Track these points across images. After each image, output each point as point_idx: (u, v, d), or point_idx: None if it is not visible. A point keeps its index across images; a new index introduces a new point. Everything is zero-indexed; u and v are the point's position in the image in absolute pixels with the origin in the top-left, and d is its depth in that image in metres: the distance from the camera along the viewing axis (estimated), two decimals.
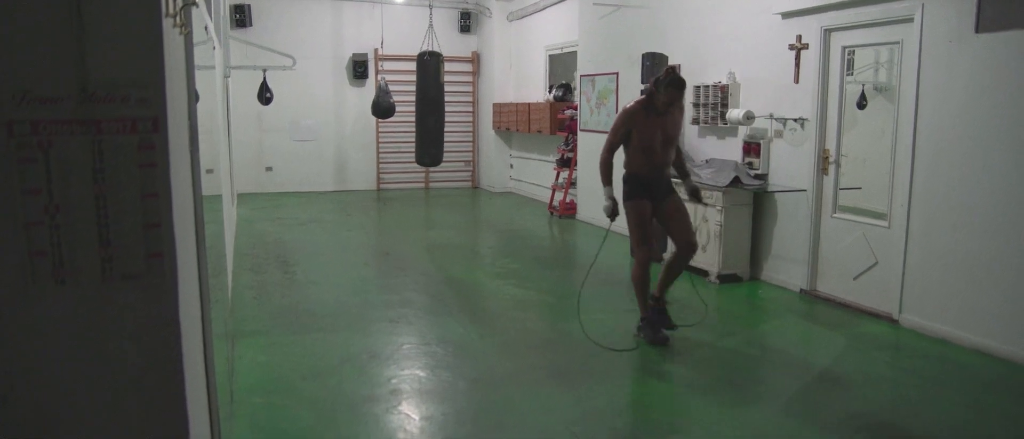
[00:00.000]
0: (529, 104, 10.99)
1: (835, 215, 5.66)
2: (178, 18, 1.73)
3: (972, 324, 4.60)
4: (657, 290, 4.90)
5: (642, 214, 4.79)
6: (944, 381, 4.16)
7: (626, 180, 4.86)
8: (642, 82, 6.95)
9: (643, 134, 4.69)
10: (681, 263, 4.85)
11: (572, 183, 9.80)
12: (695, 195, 5.01)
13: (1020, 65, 4.26)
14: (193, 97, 2.18)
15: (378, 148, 12.44)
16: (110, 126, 1.50)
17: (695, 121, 6.96)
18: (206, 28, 3.75)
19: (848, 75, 5.58)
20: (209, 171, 3.72)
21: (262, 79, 10.35)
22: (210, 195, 3.55)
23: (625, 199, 4.85)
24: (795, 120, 5.87)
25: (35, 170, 1.47)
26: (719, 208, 6.15)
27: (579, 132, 9.48)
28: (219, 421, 2.42)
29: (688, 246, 4.81)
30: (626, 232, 5.05)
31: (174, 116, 1.67)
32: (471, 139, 12.99)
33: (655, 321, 4.83)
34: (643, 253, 4.80)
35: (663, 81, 4.59)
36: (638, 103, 4.76)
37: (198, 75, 2.51)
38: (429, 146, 10.10)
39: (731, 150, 6.62)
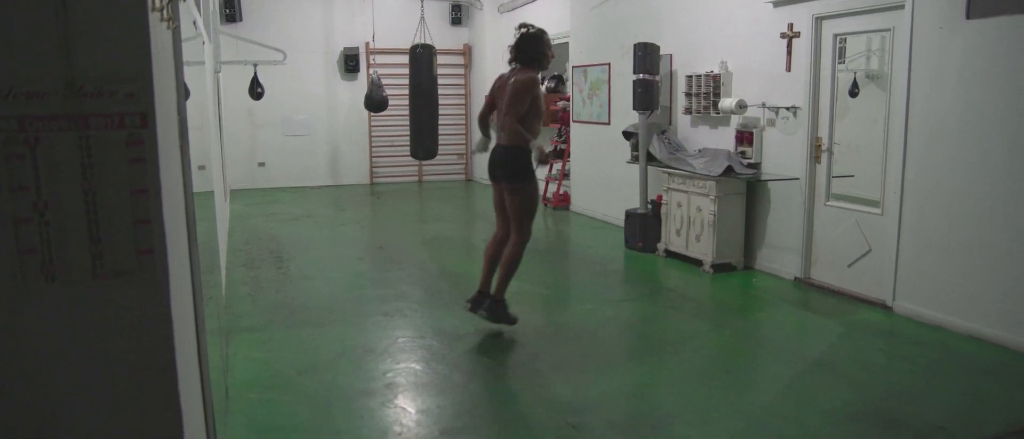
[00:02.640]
0: None
1: (828, 203, 5.67)
2: (165, 12, 1.72)
3: (966, 310, 4.62)
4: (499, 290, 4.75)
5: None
6: (938, 368, 4.18)
7: (523, 155, 4.59)
8: (634, 72, 6.94)
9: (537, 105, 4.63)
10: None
11: (565, 175, 9.79)
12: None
13: (1011, 50, 4.26)
14: (182, 92, 2.17)
15: (371, 142, 12.41)
16: (98, 121, 1.48)
17: (688, 110, 6.95)
18: (195, 23, 3.72)
19: (840, 63, 5.58)
20: (201, 167, 3.70)
21: (253, 74, 10.30)
22: (202, 191, 3.53)
23: (529, 179, 4.63)
24: (787, 108, 5.87)
25: (23, 167, 1.45)
26: (712, 198, 6.15)
27: (572, 123, 9.48)
28: (214, 417, 2.41)
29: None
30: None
31: (163, 111, 1.66)
32: (464, 132, 12.97)
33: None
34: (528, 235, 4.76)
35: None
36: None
37: (188, 70, 2.50)
38: (424, 139, 10.07)
39: (724, 139, 6.62)
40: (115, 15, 1.48)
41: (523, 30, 4.78)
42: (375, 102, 10.60)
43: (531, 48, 4.71)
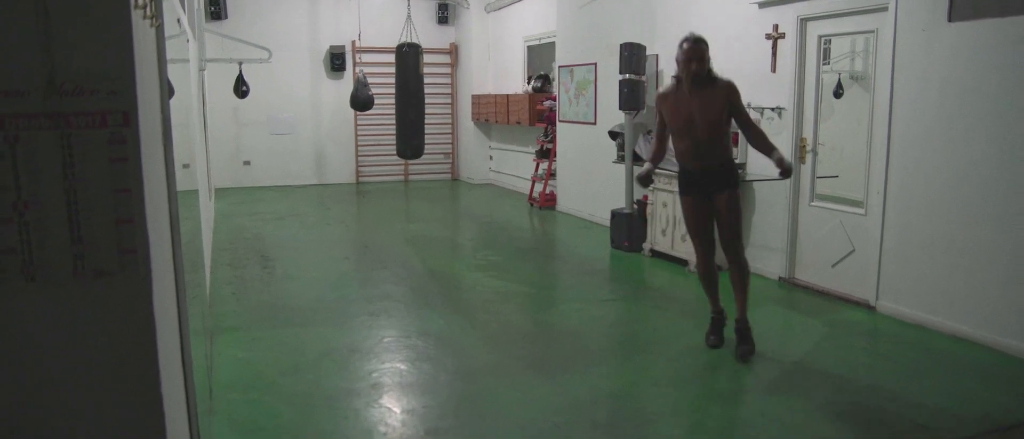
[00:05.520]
0: (508, 95, 10.97)
1: (813, 204, 5.71)
2: (148, 9, 1.70)
3: (948, 310, 4.66)
4: (738, 311, 4.43)
5: (687, 210, 4.49)
6: (920, 367, 4.21)
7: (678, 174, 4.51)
8: (620, 72, 6.95)
9: (673, 118, 4.32)
10: (732, 274, 4.40)
11: (552, 174, 9.80)
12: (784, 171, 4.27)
13: (992, 53, 4.31)
14: (166, 90, 2.15)
15: (356, 141, 12.37)
16: (79, 120, 1.47)
17: None
18: (179, 20, 3.70)
19: (825, 64, 5.61)
20: (185, 166, 3.68)
21: (238, 72, 10.24)
22: (186, 190, 3.51)
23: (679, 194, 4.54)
24: (772, 109, 5.90)
25: (2, 166, 1.43)
26: None
27: (558, 123, 9.48)
28: (197, 417, 2.39)
29: (728, 250, 4.38)
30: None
31: (146, 110, 1.64)
32: (450, 131, 12.95)
33: (718, 327, 4.55)
34: (697, 252, 4.54)
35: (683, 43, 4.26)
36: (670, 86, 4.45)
37: (172, 68, 2.48)
38: (410, 138, 10.04)
39: None
40: (97, 12, 1.47)
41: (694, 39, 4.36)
42: (360, 101, 10.56)
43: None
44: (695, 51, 4.27)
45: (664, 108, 4.39)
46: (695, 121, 4.26)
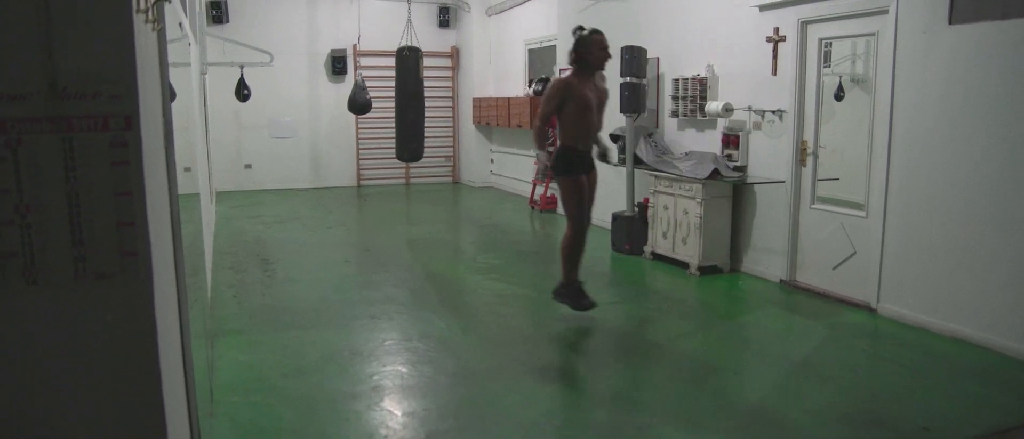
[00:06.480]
0: (509, 99, 10.97)
1: (814, 206, 5.71)
2: (150, 13, 1.71)
3: (949, 312, 4.66)
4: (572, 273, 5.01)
5: (574, 189, 4.93)
6: (922, 369, 4.21)
7: (560, 154, 4.94)
8: (621, 76, 6.96)
9: (578, 103, 4.79)
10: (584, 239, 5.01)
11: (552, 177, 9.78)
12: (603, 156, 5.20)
13: (992, 55, 4.31)
14: (168, 94, 2.16)
15: (357, 144, 12.38)
16: (81, 123, 1.47)
17: (674, 114, 6.98)
18: (181, 24, 3.70)
19: (825, 67, 5.62)
20: (186, 169, 3.68)
21: (239, 76, 10.26)
22: (187, 193, 3.51)
23: (558, 175, 4.95)
24: (773, 112, 5.90)
25: (4, 169, 1.44)
26: (699, 200, 6.18)
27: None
28: (198, 420, 2.40)
29: (588, 219, 5.02)
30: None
31: (148, 113, 1.65)
32: (451, 134, 12.96)
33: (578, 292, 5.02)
34: (577, 228, 4.97)
35: (586, 36, 4.81)
36: (570, 73, 4.93)
37: (174, 72, 2.49)
38: (409, 141, 10.05)
39: (710, 142, 6.65)
40: (99, 16, 1.47)
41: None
42: (358, 105, 10.57)
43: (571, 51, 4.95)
44: (606, 42, 4.86)
45: (569, 94, 4.80)
46: (591, 107, 4.84)
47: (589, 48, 4.82)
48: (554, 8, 9.57)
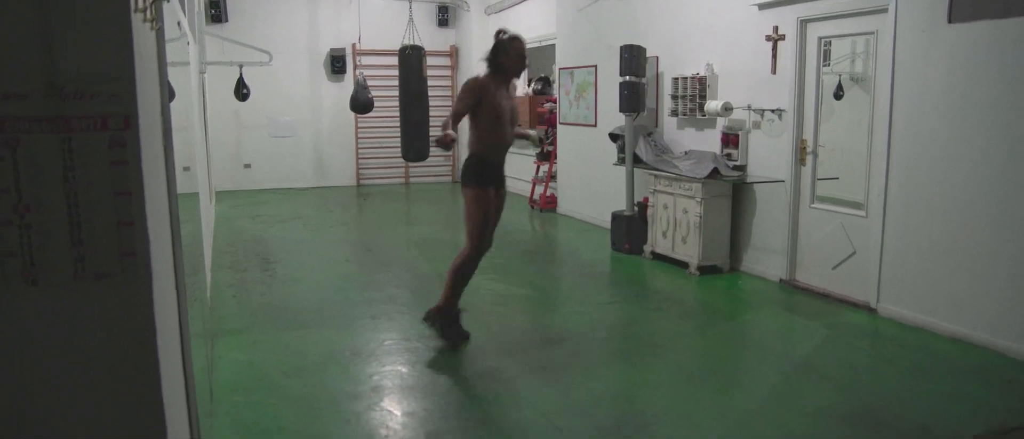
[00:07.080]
0: None
1: (813, 205, 5.71)
2: (148, 13, 1.71)
3: (949, 312, 4.66)
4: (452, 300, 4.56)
5: (482, 203, 4.46)
6: (922, 369, 4.21)
7: (470, 163, 4.49)
8: (621, 75, 6.96)
9: (492, 109, 4.38)
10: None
11: (552, 177, 9.80)
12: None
13: (991, 55, 4.31)
14: (167, 93, 2.15)
15: (357, 143, 12.37)
16: (80, 123, 1.47)
17: (674, 113, 6.98)
18: (179, 24, 3.70)
19: (825, 66, 5.61)
20: (186, 168, 3.68)
21: (239, 75, 10.25)
22: (187, 193, 3.51)
23: (466, 185, 4.47)
24: (773, 111, 5.90)
25: (3, 169, 1.44)
26: (698, 200, 6.18)
27: (558, 125, 9.48)
28: (198, 419, 2.39)
29: (490, 241, 4.56)
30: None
31: (146, 113, 1.65)
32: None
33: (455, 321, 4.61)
34: (478, 246, 4.50)
35: (505, 41, 4.42)
36: (485, 75, 4.48)
37: (172, 71, 2.48)
38: (414, 140, 10.04)
39: (710, 142, 6.65)
40: (97, 16, 1.47)
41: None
42: (360, 104, 10.57)
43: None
44: (525, 50, 4.49)
45: (484, 95, 4.37)
46: (506, 117, 4.47)
47: (508, 54, 4.44)
48: (553, 7, 9.57)
